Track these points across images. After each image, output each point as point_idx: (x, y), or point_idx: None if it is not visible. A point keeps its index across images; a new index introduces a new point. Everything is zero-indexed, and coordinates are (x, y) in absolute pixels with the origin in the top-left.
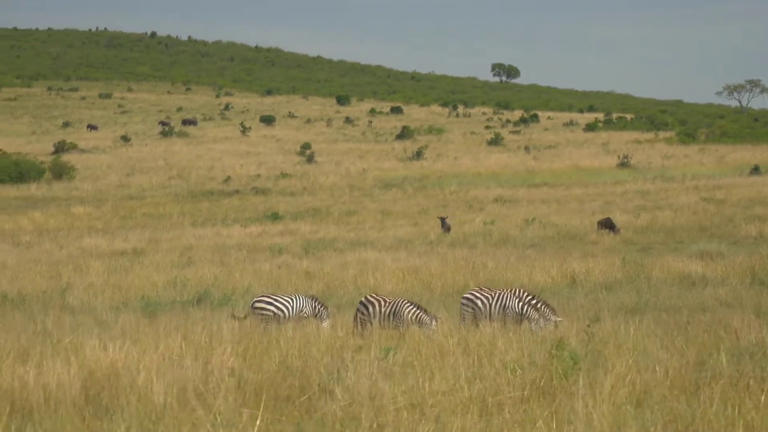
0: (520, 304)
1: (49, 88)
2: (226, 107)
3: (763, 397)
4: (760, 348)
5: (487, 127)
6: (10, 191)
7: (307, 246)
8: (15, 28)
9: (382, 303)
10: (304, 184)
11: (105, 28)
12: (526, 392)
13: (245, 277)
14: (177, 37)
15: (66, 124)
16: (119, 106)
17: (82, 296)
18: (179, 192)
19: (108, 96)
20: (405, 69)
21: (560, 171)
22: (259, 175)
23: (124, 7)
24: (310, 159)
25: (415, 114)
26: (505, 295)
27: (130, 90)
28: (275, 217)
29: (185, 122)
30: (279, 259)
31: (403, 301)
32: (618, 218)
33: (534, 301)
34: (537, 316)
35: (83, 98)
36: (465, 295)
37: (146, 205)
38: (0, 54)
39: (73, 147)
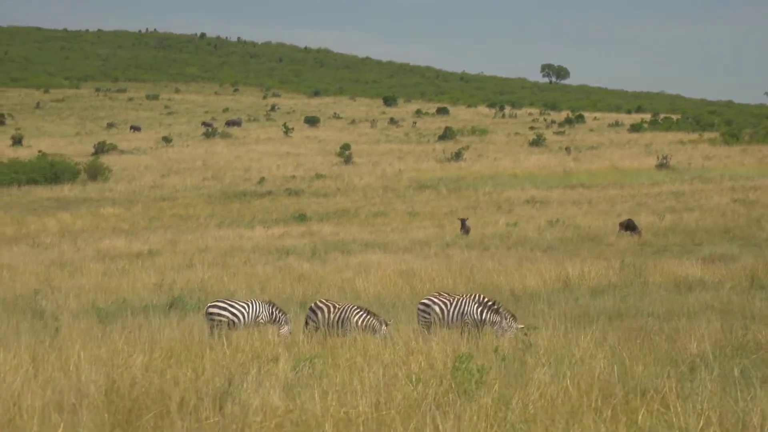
0: (479, 309)
1: (97, 90)
2: (272, 108)
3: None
4: (702, 360)
5: (532, 128)
6: (43, 192)
7: (318, 248)
8: (65, 30)
9: (331, 309)
10: (338, 185)
11: (155, 29)
12: (415, 409)
13: (235, 280)
14: (226, 38)
15: (110, 125)
16: (165, 107)
17: (61, 299)
18: (212, 193)
19: (155, 97)
20: (454, 70)
21: (597, 172)
22: (294, 176)
23: (175, 8)
24: (347, 160)
25: (461, 115)
26: (464, 301)
27: (177, 91)
28: (302, 218)
29: (229, 123)
30: (282, 262)
31: (352, 307)
32: (643, 220)
33: (495, 306)
34: (499, 320)
35: (130, 99)
36: (422, 301)
37: (177, 207)
38: (50, 55)
39: (113, 148)
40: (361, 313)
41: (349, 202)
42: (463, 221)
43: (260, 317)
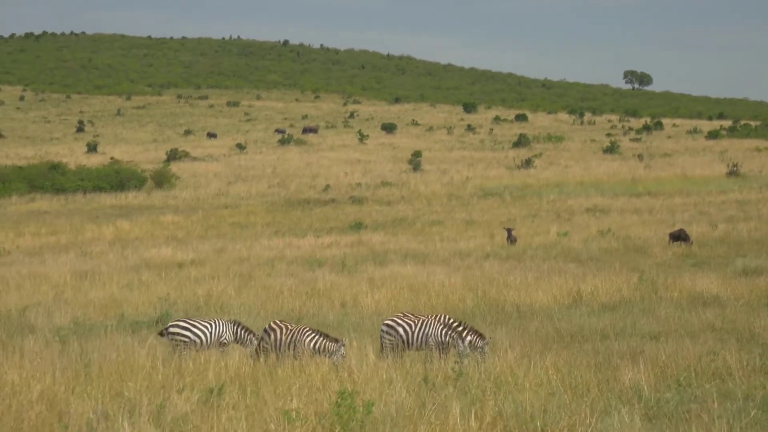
0: (444, 330)
1: (179, 96)
2: (351, 115)
3: None
4: (635, 392)
5: (609, 135)
6: (108, 199)
7: (353, 259)
8: (149, 37)
9: (284, 330)
10: (402, 193)
11: (238, 37)
12: None
13: (245, 294)
14: (309, 45)
15: (188, 132)
16: (245, 114)
17: (53, 314)
18: (276, 200)
19: (236, 104)
20: (537, 76)
21: (666, 180)
22: (359, 184)
23: (259, 15)
24: (416, 167)
25: (540, 122)
26: (428, 322)
27: (258, 98)
28: (358, 227)
29: (306, 130)
30: (309, 274)
31: (304, 329)
32: (695, 230)
33: (460, 328)
34: (461, 343)
35: (211, 106)
36: (386, 322)
37: (238, 214)
38: (133, 63)
39: (185, 155)
40: (313, 335)
41: (411, 210)
42: (509, 231)
43: (224, 337)
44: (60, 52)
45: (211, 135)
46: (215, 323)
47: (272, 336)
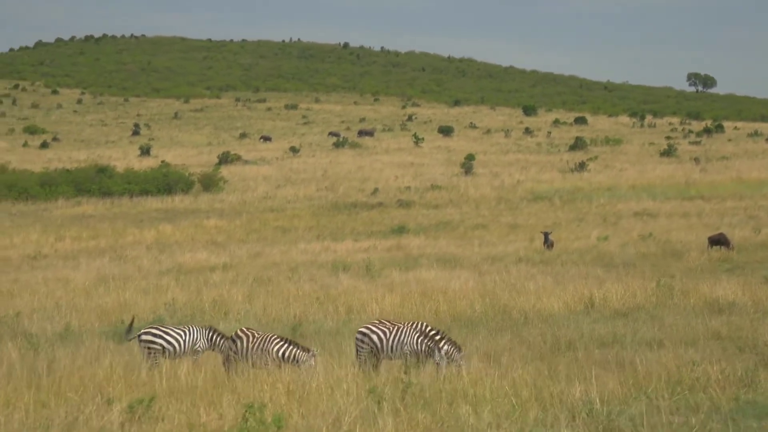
0: (419, 338)
1: (237, 99)
2: (409, 118)
3: None
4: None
5: (668, 138)
6: (154, 203)
7: (381, 263)
8: (209, 40)
9: (250, 338)
10: (451, 197)
11: (298, 39)
12: None
13: (256, 300)
14: (370, 47)
15: (243, 135)
16: (303, 117)
17: (45, 320)
18: (322, 204)
19: (294, 107)
20: (599, 79)
21: (720, 183)
22: (409, 188)
23: (319, 18)
24: (467, 171)
25: (600, 125)
26: (404, 330)
27: (317, 101)
28: (400, 230)
29: (361, 133)
30: (332, 279)
31: (272, 337)
32: (738, 234)
33: (437, 337)
34: (437, 352)
35: (269, 109)
36: (360, 329)
37: (282, 218)
38: (192, 65)
39: (237, 158)
40: (281, 343)
41: (458, 213)
42: (546, 235)
43: (198, 345)
44: (119, 55)
45: (266, 138)
46: (189, 330)
47: (239, 344)
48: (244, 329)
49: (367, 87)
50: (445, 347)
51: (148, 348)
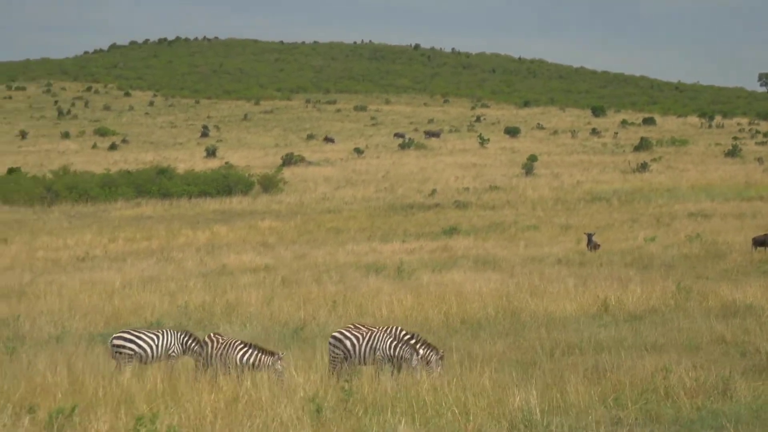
0: (393, 343)
1: (307, 101)
2: (477, 119)
3: None
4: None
5: (735, 138)
6: (212, 204)
7: (420, 265)
8: (281, 42)
9: (215, 344)
10: (508, 198)
11: (370, 41)
12: None
13: (271, 302)
14: (440, 48)
15: (310, 137)
16: (372, 118)
17: (43, 323)
18: (379, 205)
19: (363, 108)
20: (670, 79)
21: None
22: (467, 188)
23: (391, 19)
24: (528, 171)
25: (668, 125)
26: (378, 335)
27: (387, 102)
28: (451, 231)
29: (428, 134)
30: (362, 281)
31: (236, 343)
32: None
33: (412, 341)
34: (411, 356)
35: (338, 111)
36: (333, 335)
37: (337, 219)
38: (264, 67)
39: (301, 160)
40: (245, 349)
41: (513, 215)
42: (589, 236)
43: (172, 350)
44: (192, 58)
45: (329, 140)
46: (163, 334)
47: (206, 350)
48: (212, 335)
49: (437, 88)
50: (421, 351)
51: (119, 353)
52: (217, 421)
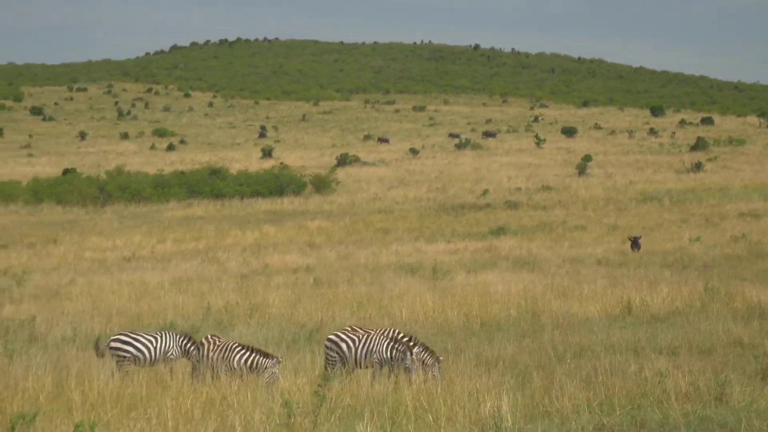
0: (389, 345)
1: (366, 101)
2: (535, 119)
3: None
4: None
5: None
6: (263, 205)
7: (458, 265)
8: (341, 43)
9: (212, 345)
10: (560, 198)
11: (429, 41)
12: None
13: (298, 304)
14: (500, 49)
15: (367, 137)
16: (430, 118)
17: (64, 324)
18: (430, 206)
19: (421, 109)
20: (730, 79)
21: None
22: (519, 189)
23: (451, 20)
24: (581, 171)
25: (727, 125)
26: (374, 337)
27: (445, 102)
28: (498, 232)
29: (485, 134)
30: (395, 281)
31: (234, 345)
32: None
33: (411, 343)
34: (408, 355)
35: (397, 111)
36: (329, 337)
37: (387, 219)
38: (323, 68)
39: (355, 160)
40: (243, 351)
41: (563, 215)
42: (635, 239)
43: (170, 353)
44: (252, 58)
45: (383, 140)
46: (161, 337)
47: (201, 351)
48: (209, 336)
49: (496, 88)
50: (416, 350)
51: (117, 355)
52: (179, 428)
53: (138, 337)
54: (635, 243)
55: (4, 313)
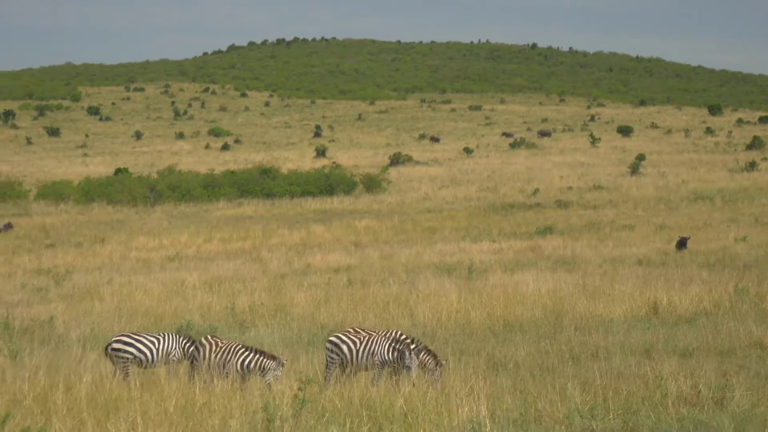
0: (390, 348)
1: (422, 101)
2: (592, 118)
3: None
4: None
5: None
6: (313, 204)
7: (498, 265)
8: (398, 42)
9: (213, 347)
10: (611, 197)
11: (487, 41)
12: None
13: (327, 304)
14: (558, 48)
15: (422, 137)
16: (486, 118)
17: (82, 325)
18: (480, 205)
19: (478, 108)
20: None
21: None
22: (570, 188)
23: (508, 19)
24: (634, 171)
25: None
26: (376, 338)
27: (502, 102)
28: (545, 231)
29: (541, 134)
30: (430, 281)
31: (236, 347)
32: None
33: (413, 346)
34: (407, 354)
35: (453, 110)
36: (330, 339)
37: (435, 219)
38: (380, 67)
39: (408, 159)
40: (246, 353)
41: (612, 214)
42: (683, 240)
43: (172, 354)
44: (309, 58)
45: (434, 139)
46: (163, 338)
47: (202, 352)
48: (209, 337)
49: (553, 88)
50: (415, 349)
51: (118, 357)
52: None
53: (140, 339)
54: (683, 243)
55: (31, 312)
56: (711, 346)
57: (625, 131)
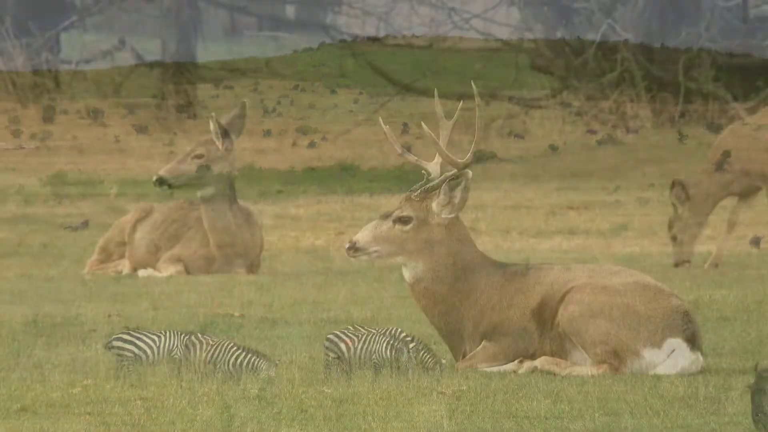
0: (389, 344)
1: (510, 99)
2: None
3: None
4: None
5: None
6: (392, 201)
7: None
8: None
9: (203, 346)
10: None
11: None
12: None
13: (364, 302)
14: None
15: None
16: None
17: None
18: None
19: None
20: None
21: None
22: None
23: None
24: None
25: None
26: (374, 336)
27: None
28: None
29: None
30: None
31: (229, 345)
32: None
33: (413, 344)
34: (405, 351)
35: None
36: (328, 336)
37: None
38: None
39: (492, 156)
40: (237, 352)
41: None
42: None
43: (174, 352)
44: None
45: (518, 136)
46: (166, 335)
47: (191, 352)
48: (199, 336)
49: None
50: (412, 345)
51: (119, 355)
52: None
53: (141, 336)
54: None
55: (70, 311)
56: (743, 347)
57: None
